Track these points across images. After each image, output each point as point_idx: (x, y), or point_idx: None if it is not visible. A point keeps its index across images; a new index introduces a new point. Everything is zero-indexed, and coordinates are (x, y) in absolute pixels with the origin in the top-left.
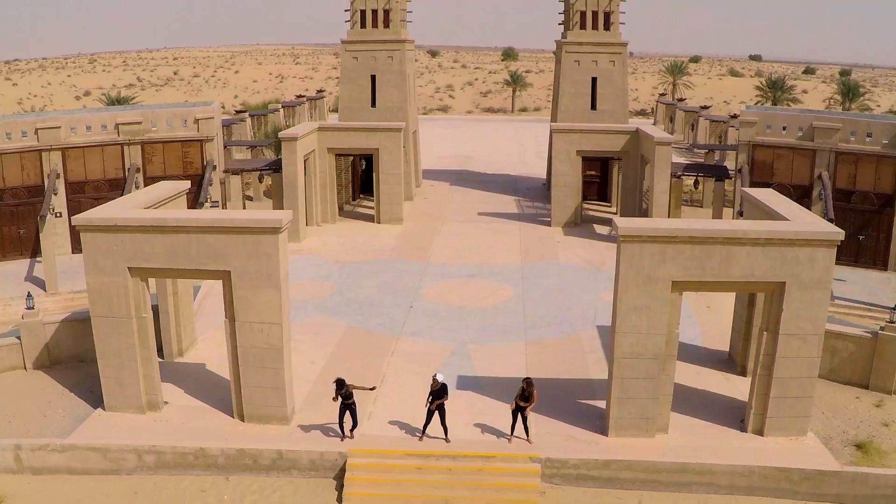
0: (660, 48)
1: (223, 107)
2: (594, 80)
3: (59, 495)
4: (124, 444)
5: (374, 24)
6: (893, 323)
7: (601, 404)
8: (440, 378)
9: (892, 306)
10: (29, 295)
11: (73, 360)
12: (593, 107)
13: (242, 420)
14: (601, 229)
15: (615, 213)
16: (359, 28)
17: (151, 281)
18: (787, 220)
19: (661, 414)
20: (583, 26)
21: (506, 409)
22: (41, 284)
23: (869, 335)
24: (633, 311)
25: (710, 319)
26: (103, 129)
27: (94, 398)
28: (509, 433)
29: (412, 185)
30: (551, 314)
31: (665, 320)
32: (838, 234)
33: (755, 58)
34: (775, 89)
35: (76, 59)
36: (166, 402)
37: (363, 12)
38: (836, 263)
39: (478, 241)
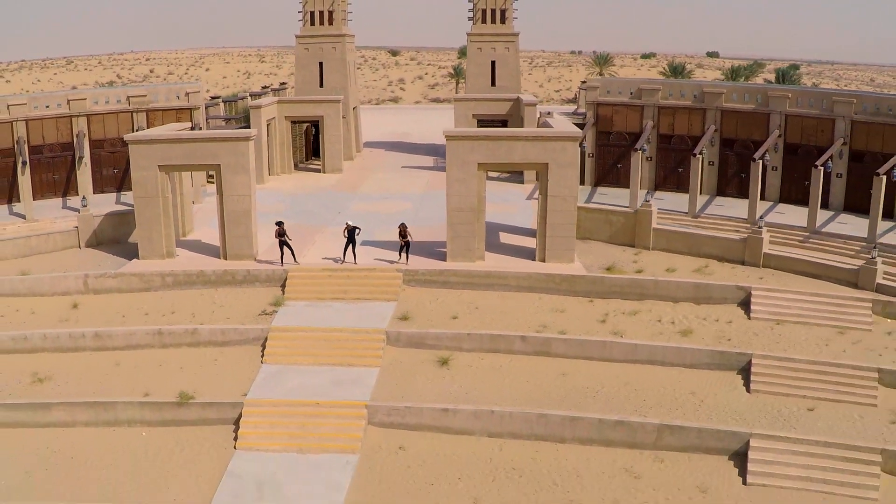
0: (625, 47)
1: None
2: (493, 63)
3: (112, 305)
4: (154, 271)
5: (322, 22)
6: (648, 202)
7: None
8: (351, 223)
9: (647, 191)
10: (84, 197)
11: (111, 241)
12: (493, 84)
13: (226, 258)
14: (492, 174)
15: None
16: (309, 25)
17: None
18: (553, 128)
19: (479, 248)
20: (484, 21)
21: (393, 254)
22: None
23: (632, 211)
24: (456, 181)
25: None
26: (118, 101)
27: (130, 258)
28: (397, 260)
29: (353, 149)
30: (435, 216)
31: (475, 188)
32: (578, 133)
33: (712, 54)
34: (675, 73)
35: (52, 60)
36: (177, 255)
37: (312, 13)
38: (662, 190)
39: (396, 181)
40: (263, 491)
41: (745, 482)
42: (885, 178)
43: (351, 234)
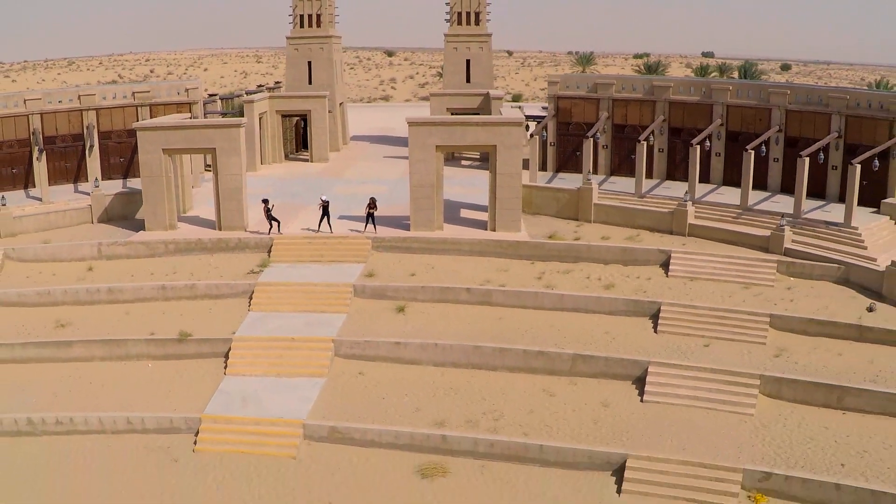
0: (624, 47)
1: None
2: (468, 61)
3: (122, 268)
4: (158, 239)
5: (310, 25)
6: (588, 181)
7: None
8: (325, 198)
9: (587, 174)
10: (96, 179)
11: (120, 218)
12: (468, 80)
13: (221, 229)
14: (465, 163)
15: (477, 154)
16: (298, 27)
17: None
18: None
19: (437, 219)
20: (459, 22)
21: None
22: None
23: (575, 189)
24: (417, 161)
25: None
26: (124, 97)
27: (137, 230)
28: (363, 230)
29: (339, 141)
30: (407, 196)
31: (434, 167)
32: (521, 120)
33: (707, 54)
34: (650, 71)
35: (54, 61)
36: (178, 227)
37: (301, 16)
38: (618, 176)
39: (376, 169)
40: (247, 403)
41: (641, 400)
42: (808, 159)
43: (325, 207)
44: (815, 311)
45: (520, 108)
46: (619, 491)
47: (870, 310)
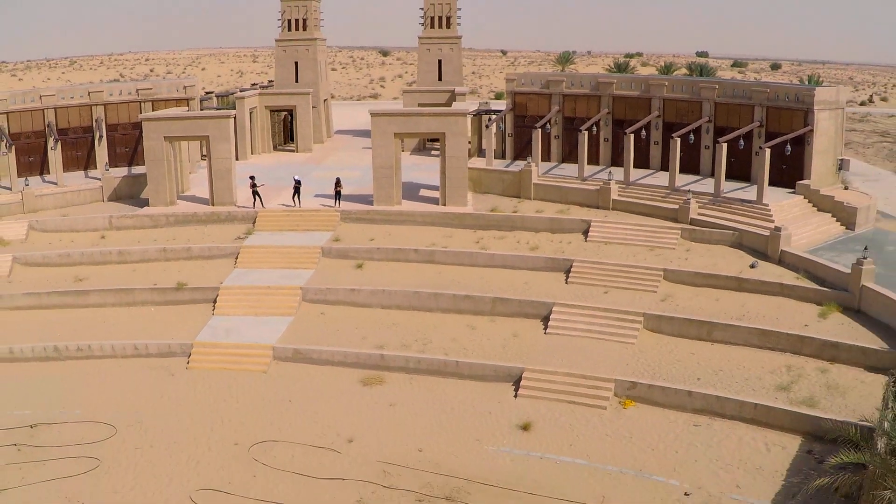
0: (622, 47)
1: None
2: (440, 61)
3: (130, 236)
4: (160, 213)
5: (297, 28)
6: (528, 165)
7: None
8: (297, 177)
9: (527, 158)
10: (106, 163)
11: (127, 197)
12: (440, 78)
13: (213, 205)
14: (434, 153)
15: None
16: (286, 30)
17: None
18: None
19: (396, 196)
20: (432, 26)
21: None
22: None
23: (518, 170)
24: (379, 146)
25: None
26: (129, 93)
27: (142, 206)
28: (333, 206)
29: (323, 134)
30: None
31: (392, 151)
32: (466, 111)
33: (702, 54)
34: (619, 71)
35: (56, 60)
36: (178, 203)
37: (289, 20)
38: (568, 163)
39: (353, 157)
40: (230, 333)
41: (545, 332)
42: (726, 145)
43: (297, 186)
44: (703, 266)
45: (486, 102)
46: (515, 395)
47: (752, 266)
